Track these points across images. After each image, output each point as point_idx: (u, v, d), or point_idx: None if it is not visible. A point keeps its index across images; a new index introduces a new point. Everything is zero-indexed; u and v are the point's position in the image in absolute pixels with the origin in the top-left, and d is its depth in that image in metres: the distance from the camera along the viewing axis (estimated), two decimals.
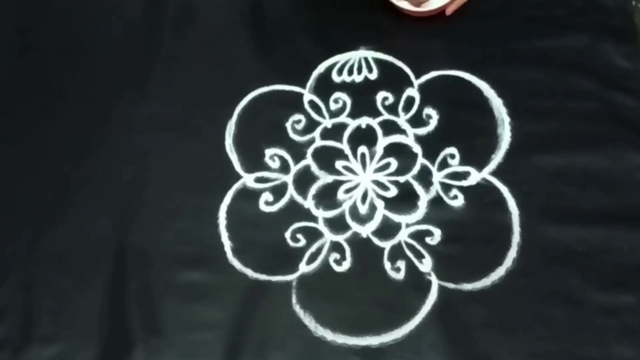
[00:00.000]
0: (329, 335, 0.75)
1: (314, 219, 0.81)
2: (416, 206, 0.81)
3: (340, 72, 0.89)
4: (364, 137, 0.85)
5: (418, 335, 0.74)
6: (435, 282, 0.76)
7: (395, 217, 0.80)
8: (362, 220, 0.80)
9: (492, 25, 0.90)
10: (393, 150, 0.84)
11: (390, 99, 0.87)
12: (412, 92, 0.87)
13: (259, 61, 0.89)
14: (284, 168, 0.84)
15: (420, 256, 0.78)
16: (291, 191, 0.82)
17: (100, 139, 0.86)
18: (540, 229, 0.78)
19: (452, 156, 0.83)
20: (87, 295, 0.78)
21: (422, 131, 0.85)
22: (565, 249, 0.77)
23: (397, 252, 0.78)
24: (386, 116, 0.86)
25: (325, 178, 0.83)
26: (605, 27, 0.89)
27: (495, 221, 0.79)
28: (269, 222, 0.80)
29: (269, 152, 0.85)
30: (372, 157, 0.84)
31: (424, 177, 0.82)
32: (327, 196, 0.82)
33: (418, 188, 0.81)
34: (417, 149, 0.84)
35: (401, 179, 0.82)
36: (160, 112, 0.87)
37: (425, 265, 0.77)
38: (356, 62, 0.89)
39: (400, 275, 0.77)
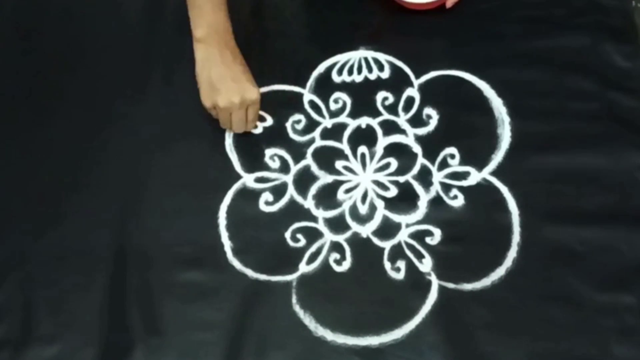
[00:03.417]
0: (329, 335, 0.75)
1: (314, 219, 0.80)
2: (416, 206, 0.80)
3: (340, 72, 0.89)
4: (364, 137, 0.85)
5: (418, 335, 0.74)
6: (435, 282, 0.76)
7: (395, 217, 0.80)
8: (362, 220, 0.80)
9: (492, 25, 0.90)
10: (393, 150, 0.84)
11: (390, 99, 0.87)
12: (412, 92, 0.87)
13: (259, 61, 0.89)
14: (284, 168, 0.84)
15: (420, 256, 0.78)
16: (291, 191, 0.82)
17: (100, 138, 0.86)
18: (540, 229, 0.78)
19: (452, 156, 0.83)
20: (87, 295, 0.78)
21: (422, 131, 0.85)
22: (565, 249, 0.77)
23: (397, 252, 0.78)
24: (386, 116, 0.86)
25: (325, 178, 0.83)
26: (605, 27, 0.89)
27: (495, 221, 0.79)
28: (269, 222, 0.80)
29: (269, 152, 0.85)
30: (372, 157, 0.84)
31: (424, 177, 0.82)
32: (327, 196, 0.82)
33: (418, 188, 0.81)
34: (417, 149, 0.84)
35: (401, 179, 0.82)
36: (160, 112, 0.88)
37: (425, 265, 0.77)
38: (356, 62, 0.89)
39: (400, 275, 0.77)
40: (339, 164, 0.83)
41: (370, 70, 0.88)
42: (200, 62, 0.79)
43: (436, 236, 0.79)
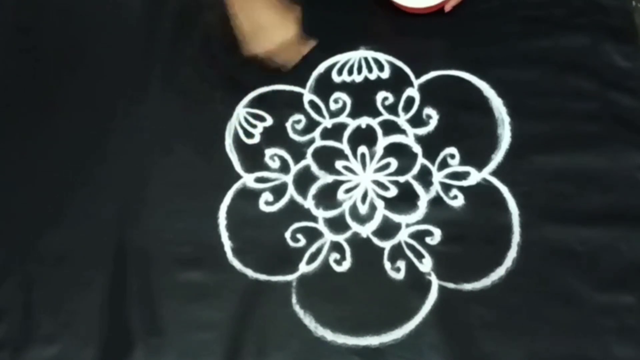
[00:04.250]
0: (329, 335, 0.75)
1: (314, 219, 0.81)
2: (416, 206, 0.80)
3: (340, 72, 0.89)
4: (364, 137, 0.85)
5: (418, 335, 0.74)
6: (435, 282, 0.76)
7: (395, 217, 0.80)
8: (362, 220, 0.80)
9: (492, 25, 0.90)
10: (393, 150, 0.84)
11: (390, 99, 0.87)
12: (412, 92, 0.87)
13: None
14: (284, 168, 0.84)
15: (420, 256, 0.78)
16: (291, 191, 0.82)
17: (100, 138, 0.86)
18: (540, 229, 0.78)
19: (452, 156, 0.83)
20: (87, 295, 0.78)
21: (422, 131, 0.85)
22: (565, 249, 0.77)
23: (397, 252, 0.78)
24: (386, 116, 0.86)
25: (325, 178, 0.83)
26: (605, 27, 0.89)
27: (495, 221, 0.79)
28: (269, 222, 0.80)
29: (269, 152, 0.85)
30: (372, 157, 0.84)
31: (424, 177, 0.82)
32: (327, 196, 0.82)
33: (418, 188, 0.81)
34: (417, 149, 0.84)
35: (401, 179, 0.82)
36: (160, 112, 0.88)
37: (425, 265, 0.77)
38: (356, 62, 0.89)
39: (400, 275, 0.77)
40: (339, 164, 0.83)
41: (370, 70, 0.88)
42: (239, 12, 0.80)
43: (436, 236, 0.79)
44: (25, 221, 0.82)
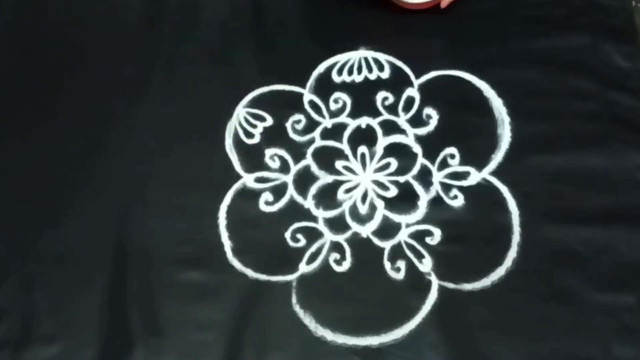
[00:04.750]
0: (329, 335, 0.75)
1: (314, 219, 0.81)
2: (416, 206, 0.81)
3: (340, 72, 0.89)
4: (364, 137, 0.85)
5: (418, 335, 0.74)
6: (435, 282, 0.76)
7: (395, 217, 0.80)
8: (362, 220, 0.80)
9: (492, 25, 0.90)
10: (393, 150, 0.84)
11: (390, 99, 0.87)
12: (412, 92, 0.87)
13: (259, 61, 0.89)
14: (284, 168, 0.84)
15: (420, 256, 0.78)
16: (291, 191, 0.82)
17: (100, 139, 0.86)
18: (540, 229, 0.78)
19: (452, 156, 0.83)
20: (87, 295, 0.78)
21: (422, 131, 0.85)
22: (565, 249, 0.77)
23: (397, 252, 0.78)
24: (386, 116, 0.86)
25: (325, 178, 0.83)
26: (605, 27, 0.89)
27: (495, 221, 0.79)
28: (269, 222, 0.80)
29: (269, 152, 0.85)
30: (372, 157, 0.84)
31: (424, 177, 0.82)
32: (327, 196, 0.82)
33: (418, 188, 0.81)
34: (417, 149, 0.84)
35: (401, 179, 0.82)
36: (160, 112, 0.88)
37: (425, 265, 0.77)
38: (356, 62, 0.89)
39: (400, 275, 0.77)
40: (339, 164, 0.83)
41: (370, 70, 0.88)
42: None
43: (436, 236, 0.79)
44: (25, 221, 0.82)
